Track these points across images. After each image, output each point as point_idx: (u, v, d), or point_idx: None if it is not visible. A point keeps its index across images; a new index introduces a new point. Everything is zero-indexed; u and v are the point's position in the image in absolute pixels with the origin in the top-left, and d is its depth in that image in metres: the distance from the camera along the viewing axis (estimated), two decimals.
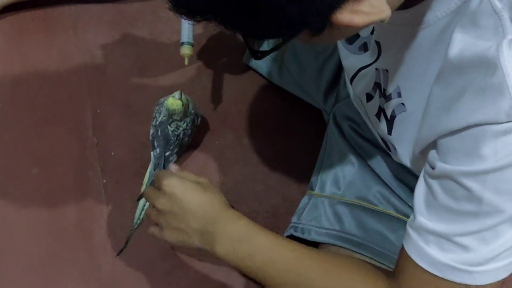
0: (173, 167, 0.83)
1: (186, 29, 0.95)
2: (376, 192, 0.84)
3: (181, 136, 0.99)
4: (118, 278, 0.91)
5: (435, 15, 0.54)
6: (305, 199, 0.90)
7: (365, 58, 0.71)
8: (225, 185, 1.04)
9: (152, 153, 1.00)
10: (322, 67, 1.01)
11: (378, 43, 0.66)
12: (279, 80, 1.11)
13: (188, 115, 0.98)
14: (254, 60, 1.14)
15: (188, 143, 1.03)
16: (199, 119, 1.03)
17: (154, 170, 0.98)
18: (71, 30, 1.21)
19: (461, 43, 0.50)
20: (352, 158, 0.88)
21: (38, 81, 1.12)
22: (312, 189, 0.91)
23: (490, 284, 0.54)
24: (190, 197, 0.73)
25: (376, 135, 0.79)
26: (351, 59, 0.75)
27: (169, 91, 0.97)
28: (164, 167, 0.98)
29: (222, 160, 1.07)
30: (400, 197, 0.82)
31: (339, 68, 0.99)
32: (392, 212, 0.82)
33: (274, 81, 1.12)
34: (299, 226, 0.86)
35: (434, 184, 0.55)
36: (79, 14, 1.24)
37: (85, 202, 0.98)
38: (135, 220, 0.95)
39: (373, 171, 0.85)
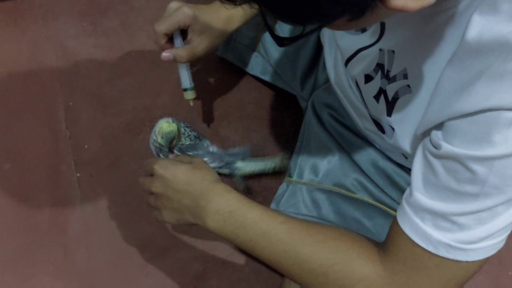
0: (171, 156, 0.89)
1: (185, 75, 0.95)
2: (354, 179, 0.83)
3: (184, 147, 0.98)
4: (93, 271, 0.89)
5: None
6: (283, 186, 0.89)
7: (364, 38, 0.69)
8: None
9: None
10: (298, 52, 1.00)
11: (382, 24, 0.64)
12: (253, 69, 1.10)
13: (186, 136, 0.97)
14: (226, 50, 1.13)
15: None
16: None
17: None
18: (41, 21, 1.18)
19: (480, 26, 0.49)
20: (331, 146, 0.87)
21: (8, 74, 1.09)
22: (290, 176, 0.90)
23: (480, 260, 0.55)
24: (180, 177, 0.74)
25: (358, 121, 0.79)
26: (347, 39, 0.73)
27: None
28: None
29: None
30: (377, 185, 0.82)
31: (316, 53, 0.98)
32: (369, 199, 0.81)
33: (249, 70, 1.11)
34: None
35: (436, 163, 0.54)
36: (49, 4, 1.21)
37: (59, 197, 0.96)
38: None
39: (351, 159, 0.85)
